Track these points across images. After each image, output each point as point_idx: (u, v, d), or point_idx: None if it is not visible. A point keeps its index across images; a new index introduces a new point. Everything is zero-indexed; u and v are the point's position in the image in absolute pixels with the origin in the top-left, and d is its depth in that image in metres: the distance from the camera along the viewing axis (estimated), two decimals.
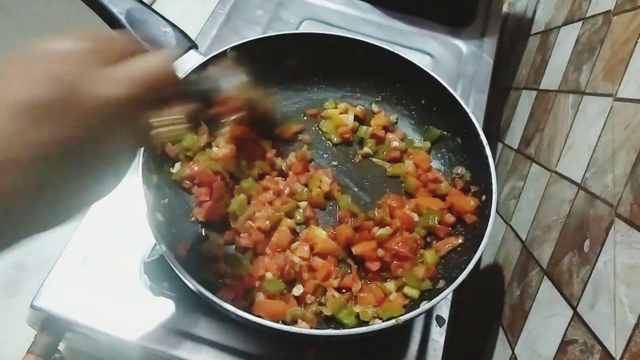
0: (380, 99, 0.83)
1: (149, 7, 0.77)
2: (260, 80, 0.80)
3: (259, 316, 0.57)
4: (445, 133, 0.78)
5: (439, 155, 0.79)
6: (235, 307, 0.56)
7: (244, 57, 0.76)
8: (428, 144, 0.79)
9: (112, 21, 0.75)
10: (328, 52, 0.81)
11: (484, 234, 0.63)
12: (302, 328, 0.59)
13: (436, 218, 0.69)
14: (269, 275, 0.64)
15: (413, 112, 0.81)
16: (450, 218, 0.70)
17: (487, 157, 0.69)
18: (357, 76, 0.83)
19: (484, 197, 0.68)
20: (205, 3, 1.14)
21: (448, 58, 1.00)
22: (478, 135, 0.71)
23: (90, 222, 0.71)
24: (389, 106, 0.83)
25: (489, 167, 0.68)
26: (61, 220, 0.39)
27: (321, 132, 0.80)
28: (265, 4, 1.01)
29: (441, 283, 0.64)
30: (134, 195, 0.62)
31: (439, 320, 0.71)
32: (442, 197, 0.72)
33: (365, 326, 0.58)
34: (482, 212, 0.67)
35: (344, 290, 0.66)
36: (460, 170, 0.75)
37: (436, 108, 0.79)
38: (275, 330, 0.56)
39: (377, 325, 0.58)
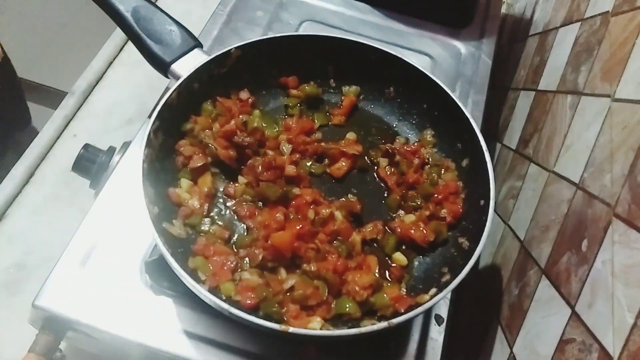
0: (382, 102, 0.83)
1: (155, 5, 0.78)
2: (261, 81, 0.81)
3: (258, 316, 0.57)
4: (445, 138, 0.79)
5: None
6: (234, 307, 0.57)
7: (248, 57, 0.77)
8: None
9: (119, 19, 0.76)
10: (328, 54, 0.81)
11: (482, 234, 0.64)
12: (302, 328, 0.59)
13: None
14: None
15: (414, 115, 0.82)
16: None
17: (486, 163, 0.69)
18: (362, 78, 0.83)
19: (481, 201, 0.69)
20: (206, 4, 1.14)
21: (447, 59, 1.00)
22: (477, 139, 0.71)
23: (91, 222, 0.71)
24: (389, 108, 0.83)
25: (487, 173, 0.68)
26: None
27: None
28: (265, 5, 1.01)
29: (432, 291, 0.65)
30: (135, 195, 0.62)
31: (438, 319, 0.71)
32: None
33: (363, 327, 0.59)
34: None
35: None
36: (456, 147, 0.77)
37: (437, 112, 0.79)
38: (275, 331, 0.56)
39: (377, 325, 0.59)
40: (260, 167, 0.72)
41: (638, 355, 0.43)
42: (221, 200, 0.72)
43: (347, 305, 0.63)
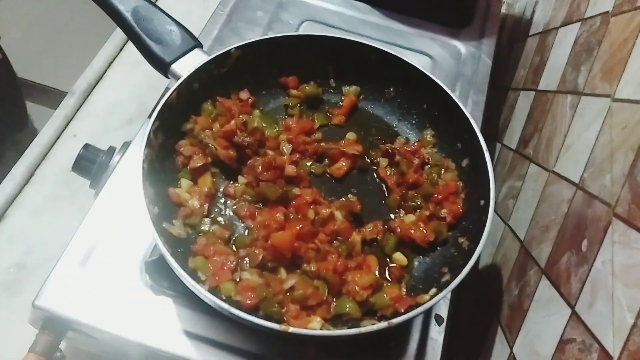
0: (382, 102, 0.83)
1: (155, 5, 0.78)
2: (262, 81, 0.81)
3: (258, 316, 0.57)
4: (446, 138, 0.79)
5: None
6: (234, 307, 0.57)
7: (248, 57, 0.77)
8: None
9: (119, 19, 0.76)
10: (328, 54, 0.81)
11: (482, 234, 0.64)
12: (302, 328, 0.59)
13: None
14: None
15: (414, 115, 0.82)
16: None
17: (486, 163, 0.69)
18: (362, 78, 0.83)
19: (481, 201, 0.69)
20: (206, 4, 1.15)
21: (447, 59, 1.00)
22: (477, 139, 0.71)
23: (91, 222, 0.71)
24: (389, 108, 0.83)
25: (487, 173, 0.69)
26: None
27: None
28: (265, 5, 1.01)
29: (432, 291, 0.65)
30: (135, 195, 0.62)
31: (438, 319, 0.71)
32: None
33: (363, 327, 0.59)
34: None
35: None
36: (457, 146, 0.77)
37: (437, 112, 0.79)
38: (275, 331, 0.56)
39: (377, 325, 0.59)
40: (260, 167, 0.72)
41: (638, 355, 0.43)
42: (221, 200, 0.73)
43: (347, 305, 0.63)
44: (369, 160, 0.79)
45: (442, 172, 0.76)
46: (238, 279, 0.64)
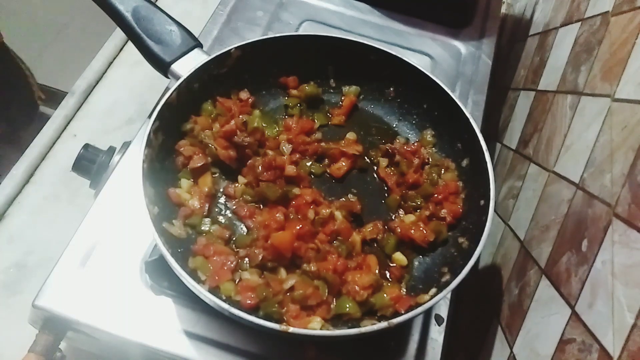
0: (382, 102, 0.83)
1: (155, 5, 0.78)
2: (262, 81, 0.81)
3: (258, 316, 0.57)
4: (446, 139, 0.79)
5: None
6: (234, 307, 0.57)
7: (248, 57, 0.77)
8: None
9: (119, 19, 0.76)
10: (328, 54, 0.81)
11: (482, 234, 0.64)
12: (302, 328, 0.59)
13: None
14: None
15: (414, 115, 0.82)
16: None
17: (486, 163, 0.69)
18: (362, 78, 0.84)
19: (482, 201, 0.69)
20: (206, 4, 1.15)
21: (447, 59, 1.00)
22: (477, 139, 0.71)
23: (91, 222, 0.71)
24: (389, 108, 0.83)
25: (487, 173, 0.69)
26: None
27: None
28: (265, 5, 1.01)
29: (432, 291, 0.65)
30: (135, 195, 0.62)
31: (438, 319, 0.71)
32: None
33: (363, 327, 0.59)
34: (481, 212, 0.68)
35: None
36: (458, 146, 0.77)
37: (437, 112, 0.79)
38: (275, 331, 0.56)
39: (377, 325, 0.59)
40: (260, 167, 0.72)
41: (638, 355, 0.44)
42: (221, 200, 0.73)
43: (347, 305, 0.63)
44: (369, 160, 0.79)
45: (442, 172, 0.76)
46: (238, 279, 0.64)
